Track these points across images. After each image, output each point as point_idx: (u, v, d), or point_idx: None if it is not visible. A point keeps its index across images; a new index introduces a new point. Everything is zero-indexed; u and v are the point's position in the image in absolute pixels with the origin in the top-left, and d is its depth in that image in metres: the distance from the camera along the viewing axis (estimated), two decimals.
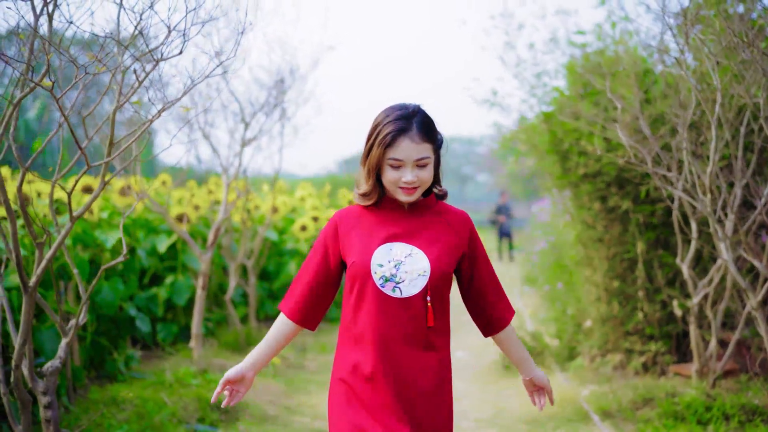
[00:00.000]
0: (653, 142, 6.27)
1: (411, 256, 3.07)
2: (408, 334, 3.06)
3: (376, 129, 3.08)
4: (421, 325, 3.07)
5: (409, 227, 3.15)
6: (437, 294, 3.10)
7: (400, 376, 3.05)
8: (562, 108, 7.85)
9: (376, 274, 3.05)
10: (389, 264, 3.05)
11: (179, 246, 9.18)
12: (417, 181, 3.06)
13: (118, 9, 3.90)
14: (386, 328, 3.05)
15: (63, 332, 4.37)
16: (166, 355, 8.40)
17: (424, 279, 3.05)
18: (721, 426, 5.99)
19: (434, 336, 3.11)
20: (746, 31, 5.09)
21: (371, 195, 3.16)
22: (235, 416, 6.55)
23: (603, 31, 8.08)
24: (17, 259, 3.94)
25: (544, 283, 11.69)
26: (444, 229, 3.18)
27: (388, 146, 3.03)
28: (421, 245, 3.10)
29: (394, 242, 3.10)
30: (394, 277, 3.04)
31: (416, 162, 3.05)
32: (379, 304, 3.05)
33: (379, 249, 3.08)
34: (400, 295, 3.04)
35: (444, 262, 3.10)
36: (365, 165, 3.13)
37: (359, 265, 3.08)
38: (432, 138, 3.11)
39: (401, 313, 3.05)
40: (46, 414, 4.27)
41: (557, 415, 6.76)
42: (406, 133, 3.03)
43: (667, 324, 7.84)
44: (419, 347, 3.08)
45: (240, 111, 8.44)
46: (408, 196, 3.09)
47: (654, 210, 7.72)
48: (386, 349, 3.05)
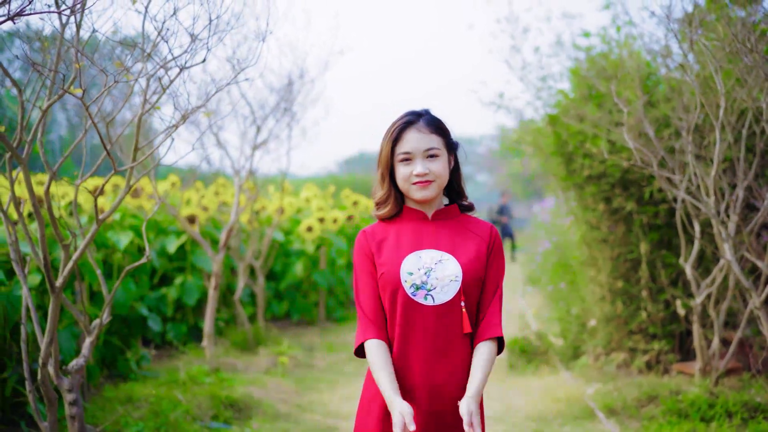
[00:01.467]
0: (658, 145, 6.39)
1: (441, 262, 2.99)
2: (442, 343, 2.97)
3: (385, 134, 3.08)
4: (456, 332, 2.98)
5: (436, 234, 3.08)
6: (471, 299, 3.02)
7: (435, 389, 2.97)
8: (566, 111, 7.97)
9: (406, 283, 2.97)
10: (419, 272, 2.97)
11: (188, 247, 9.31)
12: (429, 174, 3.01)
13: (143, 18, 4.02)
14: (420, 339, 2.96)
15: (87, 331, 4.50)
16: (177, 354, 8.52)
17: (456, 284, 2.97)
18: (723, 423, 6.11)
19: (467, 345, 3.02)
20: (748, 36, 5.18)
21: (387, 201, 3.11)
22: (247, 414, 6.68)
23: (608, 35, 8.19)
24: (45, 261, 4.06)
25: (547, 283, 11.79)
26: (470, 235, 3.12)
27: (396, 142, 3.03)
28: (450, 250, 3.03)
29: (422, 250, 3.03)
30: (425, 284, 2.96)
31: (425, 152, 3.01)
32: (412, 313, 2.96)
33: (408, 257, 3.01)
34: (433, 303, 2.96)
35: (475, 266, 3.02)
36: (379, 171, 3.11)
37: (389, 274, 3.00)
38: (442, 132, 3.08)
39: (434, 322, 2.96)
40: (71, 411, 4.39)
41: (563, 413, 6.88)
42: (413, 125, 3.03)
43: (671, 323, 7.96)
44: (453, 356, 2.99)
45: (251, 114, 8.56)
46: (422, 190, 3.03)
47: (657, 211, 7.84)
48: (423, 360, 2.97)
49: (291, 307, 11.61)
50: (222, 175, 10.93)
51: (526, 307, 13.43)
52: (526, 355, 8.84)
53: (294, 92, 8.85)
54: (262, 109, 8.65)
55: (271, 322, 11.17)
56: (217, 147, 8.61)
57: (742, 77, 5.74)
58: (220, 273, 8.19)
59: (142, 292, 8.17)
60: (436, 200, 3.15)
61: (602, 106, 7.65)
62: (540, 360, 8.76)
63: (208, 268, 9.06)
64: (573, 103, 8.02)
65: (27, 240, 4.35)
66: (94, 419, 5.93)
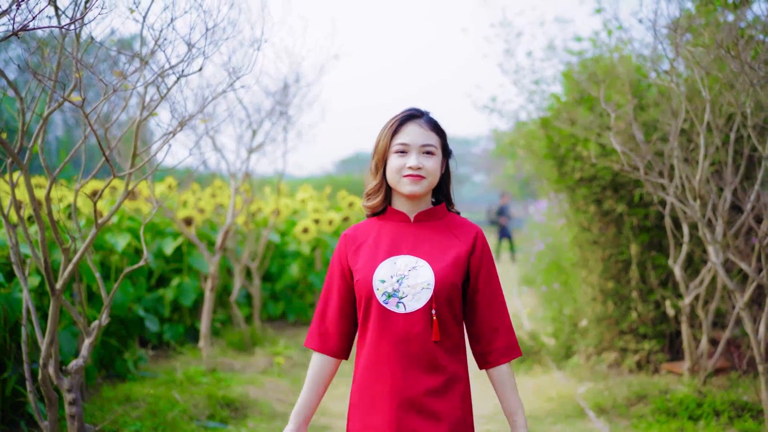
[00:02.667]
0: (645, 150, 6.49)
1: (415, 269, 2.95)
2: (414, 353, 2.91)
3: (384, 126, 3.06)
4: (428, 340, 2.91)
5: (415, 239, 3.03)
6: (444, 307, 2.94)
7: (406, 397, 2.91)
8: (558, 114, 8.07)
9: (378, 291, 2.93)
10: (392, 279, 2.94)
11: (185, 248, 9.41)
12: (422, 169, 2.96)
13: (141, 26, 4.13)
14: (391, 347, 2.92)
15: (86, 333, 4.60)
16: (174, 355, 8.63)
17: (428, 292, 2.91)
18: (711, 421, 6.22)
19: (443, 355, 2.94)
20: (735, 41, 5.25)
21: (379, 192, 3.07)
22: (244, 413, 6.78)
23: (599, 39, 8.30)
24: (45, 264, 4.17)
25: (541, 283, 11.90)
26: (451, 239, 3.04)
27: (395, 132, 3.00)
28: (426, 256, 2.98)
29: (399, 255, 2.99)
30: (397, 292, 2.92)
31: (422, 147, 2.98)
32: (384, 321, 2.93)
33: (382, 264, 2.97)
34: (404, 311, 2.91)
35: (450, 272, 2.95)
36: (373, 162, 3.08)
37: (363, 282, 2.97)
38: (440, 133, 3.06)
39: (407, 330, 2.91)
40: (71, 410, 4.50)
41: (554, 412, 7.00)
42: (415, 120, 3.02)
43: (660, 323, 8.07)
44: (426, 367, 2.92)
45: (247, 117, 8.66)
46: (412, 184, 2.97)
47: (647, 213, 7.95)
48: (394, 370, 2.92)
49: (287, 308, 11.71)
50: (218, 177, 11.02)
51: (521, 307, 13.53)
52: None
53: (290, 96, 8.95)
54: (258, 113, 8.75)
55: (267, 322, 11.27)
56: (213, 150, 8.71)
57: (729, 82, 5.83)
58: (216, 274, 8.29)
59: (140, 294, 8.26)
60: (422, 201, 3.09)
61: (593, 110, 7.75)
62: (533, 360, 8.87)
63: (204, 270, 9.16)
64: (565, 106, 8.13)
65: (27, 243, 4.45)
66: (92, 419, 6.03)
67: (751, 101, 5.49)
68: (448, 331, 2.96)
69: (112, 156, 4.44)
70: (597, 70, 7.56)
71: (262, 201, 12.14)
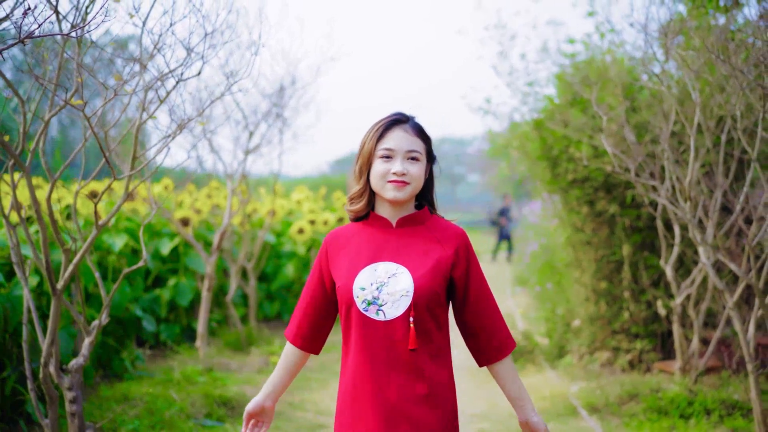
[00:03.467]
0: (637, 151, 6.56)
1: (395, 276, 2.93)
2: (395, 360, 2.90)
3: (369, 130, 3.04)
4: (407, 349, 2.90)
5: (397, 245, 3.02)
6: (424, 315, 2.92)
7: (388, 404, 2.91)
8: (552, 116, 8.14)
9: (358, 299, 2.93)
10: (372, 287, 2.92)
11: (181, 249, 9.49)
12: (407, 174, 2.95)
13: (141, 30, 4.20)
14: (373, 355, 2.91)
15: (86, 332, 4.68)
16: (171, 354, 8.69)
17: (407, 299, 2.90)
18: (702, 419, 6.31)
19: (425, 362, 2.93)
20: (726, 44, 5.31)
21: (362, 197, 3.06)
22: (240, 412, 6.85)
23: (591, 42, 8.38)
24: (47, 265, 4.24)
25: (535, 283, 11.98)
26: (433, 245, 3.02)
27: (381, 137, 2.98)
28: (406, 263, 2.96)
29: (380, 262, 2.98)
30: (377, 299, 2.91)
31: (407, 153, 2.96)
32: (364, 329, 2.92)
33: (363, 271, 2.97)
34: (384, 318, 2.90)
35: (429, 279, 2.93)
36: (357, 166, 3.06)
37: (343, 289, 2.97)
38: (425, 139, 3.04)
39: (386, 338, 2.90)
40: (72, 408, 4.58)
41: (547, 410, 7.07)
42: (400, 125, 3.00)
43: (652, 323, 8.16)
44: (408, 374, 2.91)
45: (244, 119, 8.73)
46: (396, 190, 2.96)
47: (639, 214, 8.03)
48: (375, 378, 2.92)
49: (282, 308, 11.78)
50: (215, 177, 11.09)
51: (514, 307, 13.62)
52: (512, 354, 9.00)
53: (286, 98, 9.02)
54: (255, 115, 8.82)
55: (263, 322, 11.34)
56: (210, 152, 8.79)
57: (720, 85, 5.90)
58: (213, 275, 8.36)
59: (137, 294, 8.34)
60: (405, 206, 3.07)
61: (586, 112, 7.82)
62: (526, 359, 8.95)
63: (201, 270, 9.23)
64: (558, 108, 8.20)
65: (29, 243, 4.52)
66: (90, 417, 6.10)
67: (741, 104, 5.56)
68: (430, 337, 2.95)
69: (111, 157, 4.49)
70: (589, 72, 7.63)
71: (258, 202, 12.21)
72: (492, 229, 25.90)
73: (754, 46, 5.17)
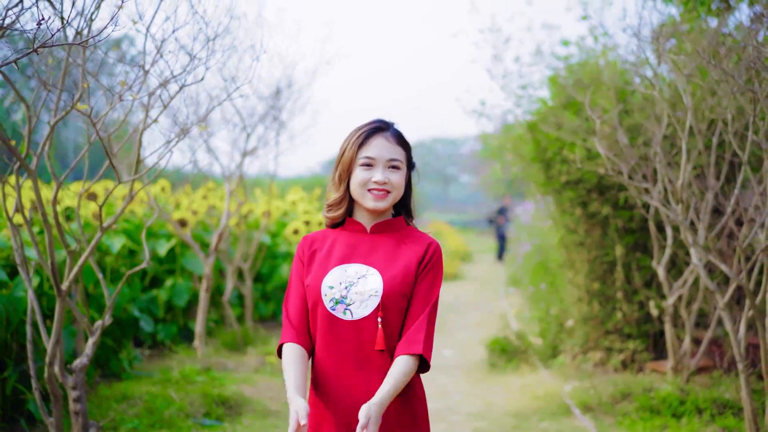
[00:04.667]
0: (629, 155, 6.64)
1: (365, 277, 2.92)
2: (362, 360, 2.89)
3: (349, 137, 3.02)
4: (374, 348, 2.88)
5: (369, 248, 3.01)
6: (394, 315, 2.90)
7: (351, 404, 2.88)
8: (545, 118, 8.21)
9: (326, 297, 2.91)
10: (340, 286, 2.91)
11: (178, 250, 9.55)
12: (388, 183, 2.94)
13: (144, 37, 4.28)
14: (339, 354, 2.90)
15: (90, 332, 4.76)
16: (169, 354, 8.77)
17: (375, 299, 2.88)
18: (693, 418, 6.40)
19: (390, 360, 2.90)
20: (717, 48, 5.37)
21: (341, 204, 3.04)
22: (238, 411, 6.93)
23: (585, 44, 8.46)
24: (52, 267, 4.32)
25: (528, 284, 12.06)
26: (404, 249, 3.01)
27: (361, 145, 2.96)
28: (377, 265, 2.96)
29: (350, 263, 2.97)
30: (344, 299, 2.90)
31: (388, 162, 2.95)
32: (330, 328, 2.90)
33: (332, 271, 2.96)
34: (351, 318, 2.88)
35: (399, 281, 2.92)
36: (336, 173, 3.04)
37: (312, 288, 2.95)
38: (406, 147, 3.03)
39: (353, 337, 2.88)
40: (76, 407, 4.66)
41: (541, 409, 7.17)
42: (381, 132, 2.98)
43: (645, 323, 8.26)
44: (374, 374, 2.89)
45: (242, 122, 8.80)
46: (377, 200, 2.96)
47: (632, 215, 8.12)
48: (340, 377, 2.90)
49: (277, 308, 11.85)
50: (211, 178, 11.15)
51: (508, 307, 13.72)
52: (506, 354, 9.12)
53: (282, 100, 9.10)
54: (252, 117, 8.89)
55: (259, 322, 11.40)
56: (208, 154, 8.87)
57: (711, 89, 5.98)
58: (211, 275, 8.43)
59: (134, 294, 8.40)
60: (383, 213, 3.07)
61: (579, 114, 7.89)
62: (520, 359, 9.03)
63: (198, 271, 9.30)
64: (552, 110, 8.27)
65: (33, 245, 4.60)
66: (90, 416, 6.18)
67: (732, 108, 5.63)
68: (395, 338, 2.92)
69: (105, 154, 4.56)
70: (583, 75, 7.71)
71: (253, 203, 12.27)
72: (487, 230, 25.94)
73: (744, 50, 5.23)
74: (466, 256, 26.49)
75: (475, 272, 22.23)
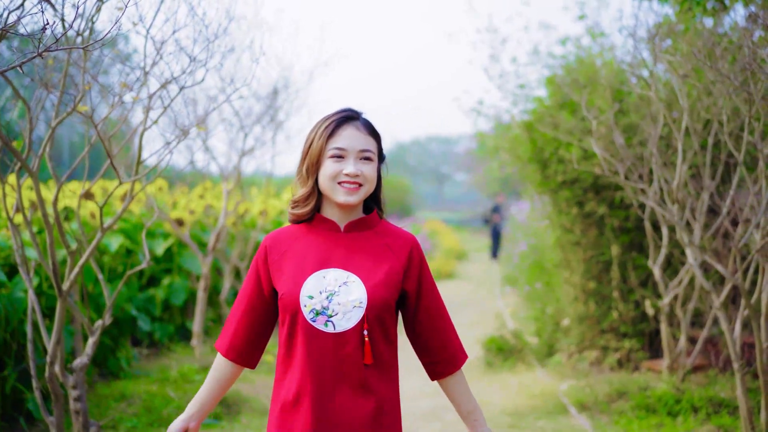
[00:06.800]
0: (625, 155, 6.67)
1: (346, 285, 2.74)
2: (343, 375, 2.71)
3: (316, 127, 2.83)
4: (358, 363, 2.72)
5: (346, 250, 2.81)
6: (377, 327, 2.75)
7: (333, 424, 2.73)
8: (542, 118, 8.24)
9: (306, 308, 2.71)
10: (321, 296, 2.72)
11: (175, 249, 9.57)
12: (360, 176, 2.75)
13: (144, 39, 4.30)
14: (319, 369, 2.71)
15: (90, 332, 4.78)
16: (167, 353, 8.79)
17: (360, 311, 2.71)
18: (689, 417, 6.44)
19: (374, 377, 2.76)
20: (713, 49, 5.40)
21: (309, 200, 2.83)
22: (236, 410, 6.96)
23: (582, 44, 8.49)
24: (54, 267, 4.34)
25: (524, 283, 12.09)
26: (384, 252, 2.84)
27: (331, 135, 2.77)
28: (358, 271, 2.77)
29: (328, 269, 2.77)
30: (326, 310, 2.71)
31: (360, 153, 2.77)
32: (311, 341, 2.71)
33: (310, 278, 2.75)
34: (334, 330, 2.70)
35: (383, 290, 2.75)
36: (303, 166, 2.83)
37: (289, 297, 2.74)
38: (377, 137, 2.86)
39: (336, 351, 2.70)
40: (76, 406, 4.69)
41: (538, 408, 7.20)
42: (351, 122, 2.80)
43: (640, 322, 8.30)
44: (356, 390, 2.73)
45: (239, 122, 8.82)
46: (348, 194, 2.76)
47: (628, 215, 8.15)
48: (320, 393, 2.72)
49: None
50: (208, 177, 11.16)
51: (504, 306, 13.76)
52: (502, 353, 9.15)
53: (280, 101, 9.12)
54: (249, 117, 8.91)
55: None
56: (206, 153, 8.89)
57: (706, 89, 6.02)
58: (209, 275, 8.45)
59: (132, 294, 8.42)
60: (355, 209, 2.87)
61: (576, 114, 7.92)
62: (516, 358, 9.07)
63: (195, 270, 9.32)
64: (548, 110, 8.30)
65: (34, 245, 4.62)
66: (89, 415, 6.20)
67: (728, 108, 5.66)
68: (381, 352, 2.79)
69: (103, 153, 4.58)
70: (580, 74, 7.74)
71: (250, 202, 12.29)
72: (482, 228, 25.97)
73: (740, 50, 5.26)
74: (461, 254, 26.53)
75: (470, 271, 22.26)
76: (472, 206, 49.60)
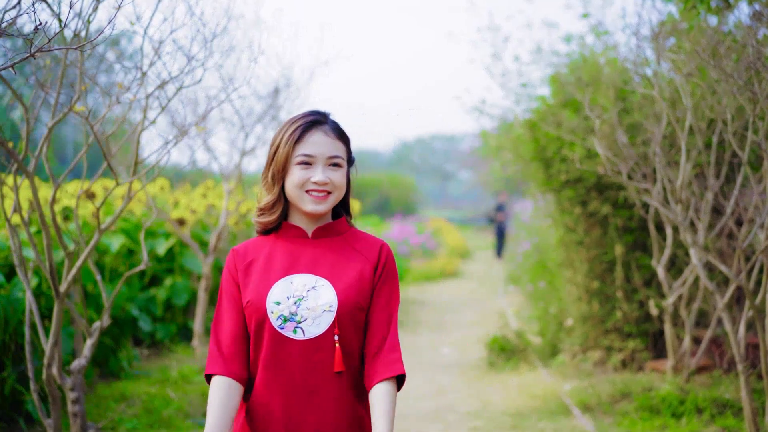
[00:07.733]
0: (628, 155, 6.64)
1: (315, 289, 2.63)
2: (312, 385, 2.60)
3: (282, 131, 2.70)
4: (329, 370, 2.60)
5: (314, 256, 2.70)
6: (349, 332, 2.63)
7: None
8: (545, 117, 8.20)
9: (273, 314, 2.59)
10: (288, 301, 2.60)
11: (177, 249, 9.54)
12: (329, 184, 2.64)
13: (142, 39, 4.27)
14: (286, 379, 2.60)
15: (88, 333, 4.75)
16: (167, 354, 8.77)
17: (330, 315, 2.60)
18: (693, 418, 6.40)
19: (346, 386, 2.65)
20: (717, 47, 5.36)
21: (275, 208, 2.71)
22: None
23: (586, 42, 8.45)
24: (51, 268, 4.31)
25: (527, 282, 12.07)
26: (353, 255, 2.73)
27: (298, 141, 2.64)
28: (327, 275, 2.66)
29: (295, 274, 2.66)
30: (295, 316, 2.59)
31: (329, 160, 2.65)
32: (277, 349, 2.59)
33: (277, 284, 2.64)
34: (303, 337, 2.59)
35: (354, 292, 2.64)
36: (269, 172, 2.70)
37: (255, 304, 2.62)
38: (346, 141, 2.73)
39: (305, 359, 2.59)
40: (74, 408, 4.66)
41: (540, 409, 7.16)
42: (320, 126, 2.67)
43: (644, 322, 8.25)
44: (328, 400, 2.62)
45: (240, 121, 8.80)
46: (317, 203, 2.65)
47: (632, 214, 8.11)
48: (286, 405, 2.61)
49: None
50: (209, 176, 11.14)
51: (507, 305, 13.72)
52: (505, 353, 9.12)
53: (281, 100, 9.09)
54: (250, 117, 8.89)
55: None
56: (207, 153, 8.86)
57: (711, 88, 5.97)
58: (210, 275, 8.43)
59: (133, 294, 8.40)
60: (324, 216, 2.77)
61: (579, 113, 7.88)
62: (519, 358, 9.04)
63: (197, 270, 9.30)
64: (551, 109, 8.26)
65: (31, 246, 4.58)
66: (89, 416, 6.17)
67: (732, 107, 5.62)
68: (354, 358, 2.67)
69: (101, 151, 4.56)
70: (583, 72, 7.69)
71: (252, 201, 12.27)
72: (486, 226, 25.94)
73: (744, 49, 5.23)
74: (465, 253, 26.50)
75: (474, 270, 22.23)
76: (476, 204, 49.59)
